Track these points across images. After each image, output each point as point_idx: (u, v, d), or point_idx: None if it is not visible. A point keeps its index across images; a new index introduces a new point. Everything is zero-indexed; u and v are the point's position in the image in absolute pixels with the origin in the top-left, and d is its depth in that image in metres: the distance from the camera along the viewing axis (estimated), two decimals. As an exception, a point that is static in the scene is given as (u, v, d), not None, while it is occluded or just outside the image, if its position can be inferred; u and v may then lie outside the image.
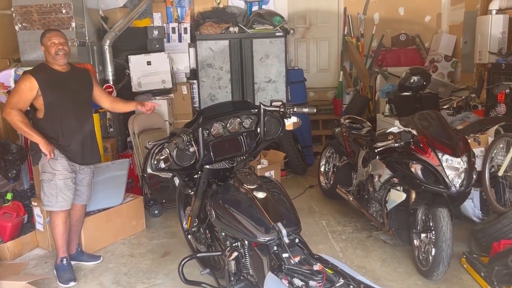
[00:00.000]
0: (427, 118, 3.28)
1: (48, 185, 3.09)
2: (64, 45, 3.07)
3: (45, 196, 3.13)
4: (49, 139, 3.03)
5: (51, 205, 3.12)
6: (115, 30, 5.17)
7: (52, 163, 3.06)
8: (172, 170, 2.44)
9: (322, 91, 7.17)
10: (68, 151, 3.09)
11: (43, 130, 3.03)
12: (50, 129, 3.06)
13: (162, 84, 5.34)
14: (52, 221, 3.19)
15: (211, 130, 2.52)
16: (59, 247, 3.21)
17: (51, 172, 3.07)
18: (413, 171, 3.01)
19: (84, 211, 3.45)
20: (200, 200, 2.72)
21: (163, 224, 4.21)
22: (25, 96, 2.98)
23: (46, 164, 3.07)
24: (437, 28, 6.95)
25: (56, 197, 3.09)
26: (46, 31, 3.18)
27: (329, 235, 3.85)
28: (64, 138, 3.08)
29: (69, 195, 3.14)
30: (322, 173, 4.86)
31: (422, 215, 3.11)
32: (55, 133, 3.06)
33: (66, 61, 3.13)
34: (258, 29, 5.70)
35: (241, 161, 2.64)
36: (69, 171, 3.12)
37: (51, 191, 3.09)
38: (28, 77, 3.00)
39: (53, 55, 3.05)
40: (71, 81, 3.16)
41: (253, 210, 2.24)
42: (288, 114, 2.63)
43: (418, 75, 4.64)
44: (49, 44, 3.05)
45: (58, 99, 3.05)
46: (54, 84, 3.06)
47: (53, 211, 3.15)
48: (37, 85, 2.97)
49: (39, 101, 3.03)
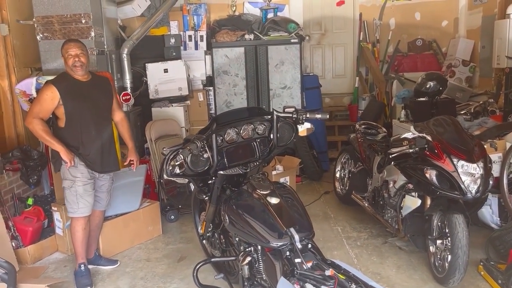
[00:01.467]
0: (442, 124, 3.26)
1: (69, 191, 3.16)
2: (81, 57, 3.10)
3: (67, 203, 3.20)
4: (70, 147, 3.09)
5: (73, 211, 3.19)
6: (133, 39, 5.28)
7: (72, 170, 3.12)
8: (187, 175, 2.48)
9: (338, 97, 7.16)
10: (87, 159, 3.16)
11: (64, 138, 3.10)
12: (71, 138, 3.13)
13: (178, 91, 5.42)
14: (72, 226, 3.26)
15: (224, 136, 2.56)
16: (78, 253, 3.27)
17: (71, 179, 3.14)
18: (428, 177, 2.99)
19: (103, 217, 3.52)
20: (214, 205, 2.75)
21: (179, 229, 4.26)
22: (47, 106, 3.05)
23: (66, 171, 3.13)
24: (454, 33, 6.88)
25: (77, 203, 3.15)
26: (65, 42, 3.23)
27: (344, 241, 3.84)
28: (84, 147, 3.14)
29: (90, 200, 3.20)
30: (338, 179, 4.85)
31: (437, 221, 3.08)
32: (75, 143, 3.13)
33: (84, 72, 3.17)
34: (273, 36, 5.75)
35: (254, 167, 2.67)
36: (88, 177, 3.18)
37: (72, 198, 3.16)
38: (50, 87, 3.06)
39: (70, 67, 3.11)
40: (92, 91, 3.21)
41: (266, 215, 2.27)
42: (301, 120, 2.65)
43: (434, 80, 4.61)
44: (66, 56, 3.11)
45: (78, 109, 3.11)
46: (75, 94, 3.12)
47: (74, 217, 3.22)
48: (58, 95, 3.04)
49: (60, 110, 3.09)
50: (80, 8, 4.33)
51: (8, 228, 3.52)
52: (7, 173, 3.85)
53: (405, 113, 4.85)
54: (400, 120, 4.88)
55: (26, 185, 4.05)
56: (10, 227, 3.56)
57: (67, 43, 3.20)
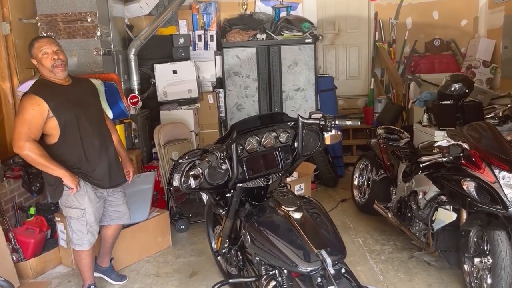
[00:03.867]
0: (478, 130, 2.99)
1: (76, 222, 2.77)
2: (59, 54, 2.65)
3: (73, 233, 2.82)
4: (70, 167, 2.66)
5: (82, 244, 2.83)
6: (141, 38, 5.06)
7: (78, 196, 2.71)
8: (203, 189, 2.23)
9: (352, 99, 6.90)
10: (93, 177, 2.74)
11: (61, 156, 2.65)
12: (70, 154, 2.67)
13: (188, 94, 5.19)
14: (78, 255, 2.92)
15: (245, 145, 2.31)
16: (86, 277, 2.98)
17: (80, 208, 2.73)
18: (466, 189, 2.72)
19: (121, 228, 3.23)
20: (232, 220, 2.50)
21: (190, 240, 4.02)
22: (37, 123, 2.55)
23: (72, 198, 2.71)
24: (474, 33, 6.61)
25: (87, 234, 2.81)
26: (33, 40, 2.69)
27: (367, 255, 3.58)
28: (89, 162, 2.72)
29: (97, 228, 2.89)
30: (356, 186, 4.60)
31: (475, 237, 2.81)
32: (76, 158, 2.69)
33: (66, 73, 2.71)
34: (287, 36, 5.49)
35: (276, 179, 2.42)
36: (97, 201, 2.82)
37: (81, 228, 2.79)
38: (33, 99, 2.55)
39: (49, 68, 2.62)
40: (81, 95, 2.75)
41: (293, 235, 2.02)
42: (329, 127, 2.39)
43: (460, 82, 4.33)
44: (40, 55, 2.62)
45: (74, 117, 2.66)
46: (65, 100, 2.65)
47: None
48: (46, 106, 2.55)
49: (50, 125, 2.61)
50: (85, 6, 4.11)
51: (8, 240, 3.29)
52: (7, 180, 3.61)
53: (428, 117, 4.58)
54: (422, 124, 4.61)
55: (28, 193, 3.82)
56: (10, 239, 3.33)
57: (37, 40, 2.68)
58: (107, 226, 3.09)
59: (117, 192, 2.98)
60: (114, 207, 2.99)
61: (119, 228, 3.17)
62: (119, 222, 3.07)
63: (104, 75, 4.00)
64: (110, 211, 3.00)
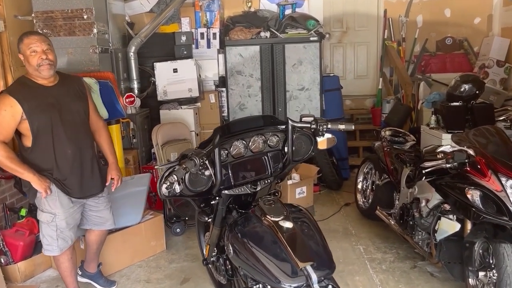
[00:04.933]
0: (485, 134, 2.81)
1: (47, 226, 2.66)
2: (49, 53, 2.52)
3: (44, 238, 2.70)
4: (42, 171, 2.55)
5: (52, 249, 2.71)
6: (141, 36, 4.96)
7: (50, 200, 2.59)
8: (185, 196, 2.10)
9: (360, 99, 6.71)
10: (65, 185, 2.61)
11: (33, 160, 2.54)
12: (42, 160, 2.55)
13: (188, 93, 5.07)
14: (56, 259, 2.83)
15: (230, 149, 2.17)
16: (68, 282, 2.87)
17: (50, 212, 2.62)
18: (470, 198, 2.55)
19: (107, 233, 3.11)
20: (218, 228, 2.37)
21: (185, 244, 3.90)
22: (7, 125, 2.45)
23: (44, 202, 2.60)
24: (487, 31, 6.35)
25: (56, 240, 2.68)
26: (23, 35, 2.56)
27: (367, 264, 3.42)
28: (59, 170, 2.58)
29: (70, 234, 2.75)
30: (359, 190, 4.43)
31: (479, 249, 2.64)
32: (48, 165, 2.56)
33: (53, 72, 2.57)
34: (291, 34, 5.34)
35: (265, 185, 2.28)
36: (70, 206, 2.68)
37: (51, 233, 2.66)
38: (7, 99, 2.42)
39: (35, 66, 2.49)
40: (63, 97, 2.60)
41: (277, 248, 1.88)
42: (321, 131, 2.24)
43: (470, 83, 4.11)
44: (28, 53, 2.48)
45: (49, 122, 2.52)
46: (42, 103, 2.51)
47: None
48: (20, 108, 2.43)
49: (24, 126, 2.49)
50: (82, 3, 4.02)
51: (-4, 242, 3.22)
52: (-1, 181, 3.55)
53: (436, 119, 4.37)
54: (430, 126, 4.41)
55: (20, 194, 3.73)
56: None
57: (27, 36, 2.54)
58: (89, 231, 2.98)
59: (98, 197, 2.85)
60: (94, 212, 2.87)
61: (103, 234, 3.05)
62: (101, 227, 2.95)
63: (99, 74, 3.91)
64: (91, 215, 2.88)
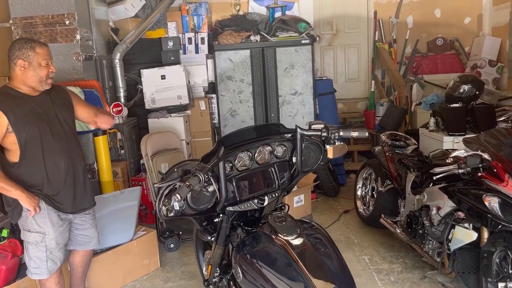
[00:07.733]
0: (498, 137, 2.68)
1: (35, 248, 2.45)
2: (52, 65, 2.44)
3: (31, 260, 2.49)
4: (30, 188, 2.37)
5: (40, 272, 2.50)
6: (126, 42, 4.75)
7: (39, 219, 2.41)
8: (187, 215, 1.91)
9: (352, 102, 6.58)
10: (56, 200, 2.44)
11: (20, 176, 2.36)
12: (30, 175, 2.38)
13: (177, 100, 4.86)
14: (42, 284, 2.60)
15: (235, 162, 1.98)
16: None
17: (39, 232, 2.42)
18: (488, 205, 2.41)
19: (92, 253, 2.90)
20: (222, 247, 2.17)
21: (180, 261, 3.69)
22: None
23: (31, 221, 2.41)
24: (478, 31, 6.30)
25: (46, 262, 2.48)
26: (34, 42, 2.40)
27: (374, 275, 3.26)
28: (51, 185, 2.42)
29: (60, 255, 2.54)
30: (359, 197, 4.28)
31: (497, 258, 2.49)
32: (37, 180, 2.39)
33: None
34: (282, 37, 5.18)
35: (272, 200, 2.09)
36: (60, 224, 2.50)
37: (39, 255, 2.46)
38: None
39: (42, 77, 2.37)
40: (49, 108, 2.45)
41: (293, 270, 1.70)
42: (332, 139, 2.07)
43: (469, 84, 4.01)
44: (43, 63, 2.35)
45: (38, 133, 2.36)
46: (29, 114, 2.35)
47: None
48: (6, 120, 2.28)
49: (10, 139, 2.32)
50: (63, 8, 3.79)
51: (-25, 267, 2.95)
52: (-23, 200, 3.28)
53: (435, 121, 4.26)
54: (429, 129, 4.30)
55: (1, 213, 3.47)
56: (-22, 266, 2.99)
57: (42, 46, 2.39)
58: (73, 253, 2.76)
59: (85, 214, 2.66)
60: (80, 231, 2.67)
61: (89, 255, 2.84)
62: (86, 247, 2.75)
63: (84, 82, 3.70)
64: (77, 235, 2.67)
